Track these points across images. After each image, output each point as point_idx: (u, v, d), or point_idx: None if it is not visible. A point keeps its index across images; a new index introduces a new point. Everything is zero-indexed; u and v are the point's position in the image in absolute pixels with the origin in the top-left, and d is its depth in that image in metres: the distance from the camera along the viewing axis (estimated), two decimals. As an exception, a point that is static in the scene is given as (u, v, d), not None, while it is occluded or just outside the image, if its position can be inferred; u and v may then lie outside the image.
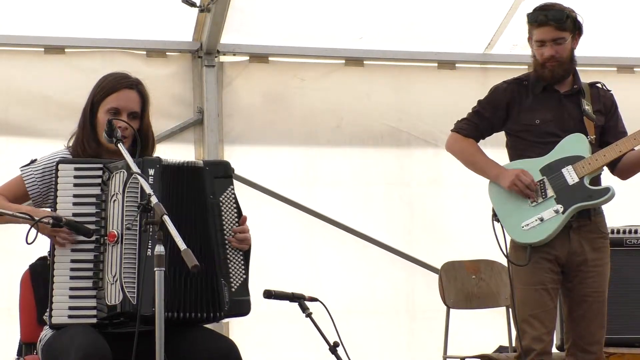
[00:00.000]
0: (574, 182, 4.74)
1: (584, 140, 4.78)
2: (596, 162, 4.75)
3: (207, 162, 4.08)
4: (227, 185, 4.07)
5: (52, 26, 6.28)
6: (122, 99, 4.09)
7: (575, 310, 4.77)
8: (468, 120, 4.95)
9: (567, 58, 4.81)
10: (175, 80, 6.58)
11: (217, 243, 4.00)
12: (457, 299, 6.12)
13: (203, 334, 3.95)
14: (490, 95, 4.94)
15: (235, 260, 4.03)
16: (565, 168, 4.75)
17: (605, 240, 4.84)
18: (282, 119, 6.71)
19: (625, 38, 6.96)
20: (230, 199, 4.07)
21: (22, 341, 4.15)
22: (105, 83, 4.15)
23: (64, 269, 3.87)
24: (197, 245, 3.89)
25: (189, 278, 3.88)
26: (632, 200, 6.74)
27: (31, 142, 6.18)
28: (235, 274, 4.02)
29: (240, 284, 4.02)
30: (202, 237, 3.97)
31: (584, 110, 4.82)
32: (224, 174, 4.08)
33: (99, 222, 3.89)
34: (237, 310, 4.02)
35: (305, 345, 6.12)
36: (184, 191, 3.97)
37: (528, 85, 4.88)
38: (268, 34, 6.65)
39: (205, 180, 4.02)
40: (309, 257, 6.60)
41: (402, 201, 6.81)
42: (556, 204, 4.73)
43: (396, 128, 6.85)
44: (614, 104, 4.94)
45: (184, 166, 4.01)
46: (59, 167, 3.94)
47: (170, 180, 3.94)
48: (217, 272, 3.97)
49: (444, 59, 6.94)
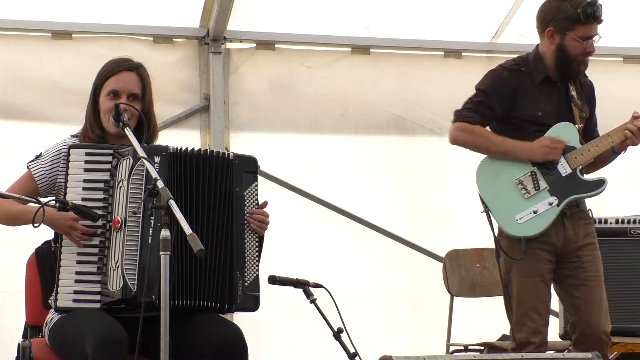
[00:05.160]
0: (567, 173, 4.69)
1: (573, 129, 4.73)
2: (589, 153, 4.70)
3: (237, 155, 4.08)
4: (252, 181, 4.09)
5: (59, 11, 6.28)
6: (121, 81, 4.09)
7: (577, 296, 4.70)
8: (472, 109, 4.79)
9: None
10: (181, 66, 6.58)
11: (237, 235, 4.02)
12: (461, 287, 6.13)
13: (209, 320, 3.96)
14: (494, 84, 4.80)
15: (252, 255, 4.04)
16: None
17: (592, 225, 4.80)
18: (288, 107, 6.71)
19: (631, 28, 6.94)
20: (254, 194, 4.09)
21: (28, 324, 4.18)
22: (105, 67, 4.16)
23: (71, 253, 3.90)
24: (218, 235, 3.91)
25: (205, 266, 3.90)
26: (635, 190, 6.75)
27: (38, 127, 6.20)
28: (250, 269, 4.03)
29: (253, 279, 4.04)
30: (224, 227, 3.98)
31: (572, 96, 4.78)
32: (252, 169, 4.09)
33: (106, 207, 3.91)
34: (247, 304, 4.04)
35: (309, 331, 6.14)
36: (210, 180, 3.96)
37: (527, 72, 4.79)
38: (275, 21, 6.65)
39: (234, 173, 4.03)
40: (313, 244, 6.61)
41: (407, 189, 6.81)
42: (550, 195, 4.67)
43: (401, 116, 6.85)
44: (594, 94, 4.90)
45: (212, 155, 4.01)
46: (71, 152, 3.95)
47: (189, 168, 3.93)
48: (234, 264, 3.99)
49: (450, 47, 6.93)
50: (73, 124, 4.26)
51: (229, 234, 3.99)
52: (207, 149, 4.05)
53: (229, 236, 3.99)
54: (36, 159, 4.11)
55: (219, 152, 4.04)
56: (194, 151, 3.99)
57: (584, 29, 4.72)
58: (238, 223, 4.02)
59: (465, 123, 4.79)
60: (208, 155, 4.02)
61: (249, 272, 4.02)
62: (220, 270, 3.95)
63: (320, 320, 4.40)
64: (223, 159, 4.03)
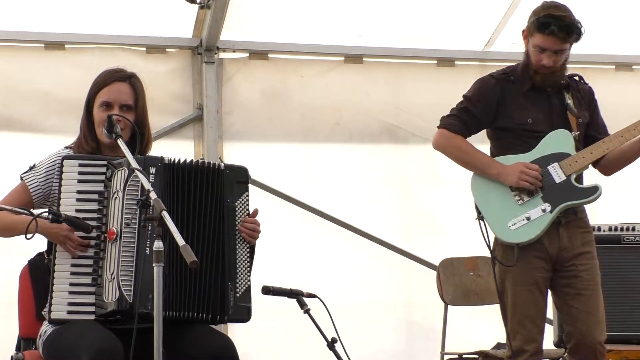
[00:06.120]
0: (561, 180, 4.68)
1: (568, 136, 4.72)
2: (583, 160, 4.70)
3: (228, 166, 4.09)
4: (243, 191, 4.09)
5: (52, 22, 6.28)
6: (114, 92, 4.08)
7: (573, 305, 4.69)
8: (456, 116, 4.81)
9: (562, 67, 4.74)
10: (174, 76, 6.59)
11: (229, 246, 4.02)
12: (455, 296, 6.14)
13: (200, 331, 3.95)
14: (478, 92, 4.81)
15: (244, 265, 4.04)
16: (552, 165, 4.70)
17: (591, 234, 4.80)
18: (281, 116, 6.71)
19: (623, 36, 6.96)
20: (245, 205, 4.09)
21: (21, 336, 4.16)
22: (98, 78, 4.16)
23: (65, 264, 3.89)
24: (210, 246, 3.92)
25: (197, 278, 3.90)
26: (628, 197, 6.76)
27: (31, 137, 6.19)
28: (242, 279, 4.03)
29: (245, 290, 4.03)
30: (215, 238, 3.98)
31: (567, 105, 4.77)
32: (243, 179, 4.09)
33: (100, 219, 3.90)
34: (239, 315, 4.03)
35: (303, 341, 6.13)
36: (202, 191, 3.97)
37: (515, 81, 4.78)
38: (268, 30, 6.66)
39: (224, 183, 4.03)
40: (307, 254, 6.61)
41: (401, 198, 6.82)
42: (543, 202, 4.66)
43: (395, 125, 6.86)
44: (595, 99, 4.89)
45: (203, 167, 4.01)
46: (64, 163, 3.94)
47: (182, 179, 3.94)
48: (225, 275, 3.98)
49: (443, 56, 6.95)
50: (67, 135, 4.25)
51: (220, 245, 3.99)
52: (199, 160, 4.05)
53: (220, 247, 3.99)
54: (30, 170, 4.11)
55: (210, 163, 4.04)
56: (186, 162, 3.99)
57: (540, 38, 4.67)
58: (229, 234, 4.02)
59: (445, 130, 4.82)
60: (200, 166, 4.02)
61: (240, 283, 4.02)
62: (211, 282, 3.94)
63: (314, 330, 4.40)
64: (214, 169, 4.03)
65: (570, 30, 4.64)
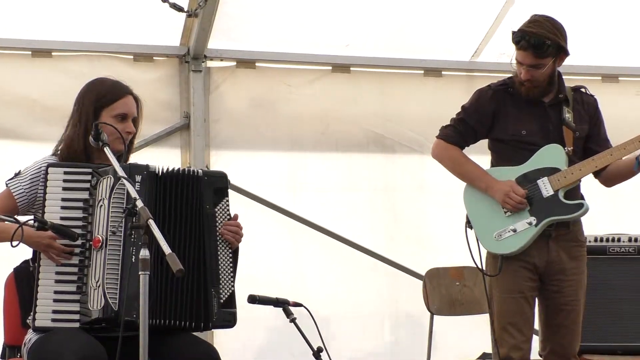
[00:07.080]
0: (549, 194, 4.72)
1: (560, 151, 4.76)
2: (572, 176, 4.73)
3: (206, 172, 4.11)
4: (223, 197, 4.11)
5: (39, 30, 6.27)
6: (129, 105, 4.17)
7: (553, 319, 4.77)
8: (453, 127, 4.89)
9: (544, 81, 4.76)
10: (162, 84, 6.58)
11: (210, 253, 4.02)
12: (441, 306, 6.14)
13: (184, 339, 3.95)
14: (475, 103, 4.88)
15: (227, 271, 4.05)
16: (541, 180, 4.74)
17: (583, 248, 4.84)
18: (268, 125, 6.72)
19: (610, 47, 6.99)
20: (225, 210, 4.10)
21: (6, 344, 4.15)
22: (106, 88, 4.16)
23: (50, 272, 3.88)
24: (191, 254, 3.93)
25: (180, 286, 3.90)
26: (614, 208, 6.78)
27: (18, 145, 6.18)
28: (225, 285, 4.03)
29: (229, 296, 4.03)
30: (196, 245, 3.99)
31: (564, 119, 4.80)
32: (221, 185, 4.11)
33: (85, 226, 3.90)
34: (223, 321, 4.03)
35: (290, 350, 6.13)
36: (181, 199, 3.99)
37: (513, 92, 4.83)
38: (255, 39, 6.67)
39: (203, 190, 4.05)
40: (293, 263, 6.61)
41: (387, 207, 6.82)
42: (530, 216, 4.71)
43: (382, 135, 6.87)
44: (598, 110, 4.92)
45: (182, 174, 4.03)
46: (49, 171, 3.95)
47: (163, 187, 3.96)
48: (208, 282, 3.99)
49: (430, 66, 6.96)
50: (53, 142, 4.23)
51: (201, 252, 4.00)
52: (178, 168, 4.06)
53: (201, 254, 4.00)
54: (15, 177, 4.10)
55: (188, 170, 4.07)
56: (167, 170, 4.01)
57: (517, 53, 4.74)
58: (210, 240, 4.03)
59: (442, 140, 4.90)
60: (180, 173, 4.03)
61: (224, 289, 4.02)
62: (194, 290, 3.95)
63: (300, 339, 4.40)
64: (191, 176, 4.05)
65: (541, 44, 4.65)
